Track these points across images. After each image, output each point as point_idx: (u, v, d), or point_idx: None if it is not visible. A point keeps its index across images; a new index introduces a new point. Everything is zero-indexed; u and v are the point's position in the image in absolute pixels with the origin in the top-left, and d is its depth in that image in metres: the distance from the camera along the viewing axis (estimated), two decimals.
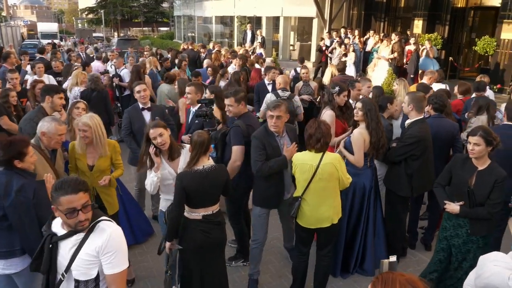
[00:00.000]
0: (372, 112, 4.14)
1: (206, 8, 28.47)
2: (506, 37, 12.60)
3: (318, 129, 3.56)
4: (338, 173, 3.62)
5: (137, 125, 5.13)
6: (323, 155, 3.61)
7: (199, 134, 3.41)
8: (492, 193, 3.46)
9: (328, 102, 4.93)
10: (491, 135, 3.45)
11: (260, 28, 21.38)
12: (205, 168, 3.36)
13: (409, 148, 4.29)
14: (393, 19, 18.31)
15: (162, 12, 51.93)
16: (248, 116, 4.31)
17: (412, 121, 4.38)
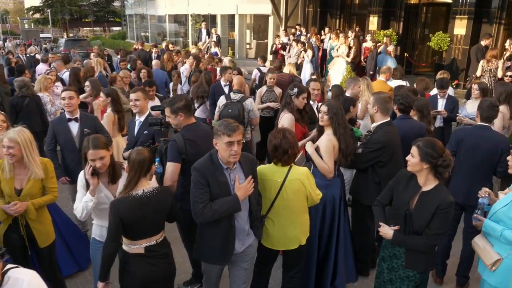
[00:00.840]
0: (339, 116, 3.74)
1: (159, 6, 27.59)
2: (459, 33, 12.71)
3: (284, 139, 3.13)
4: (306, 190, 3.20)
5: (62, 139, 4.59)
6: (290, 169, 3.18)
7: (138, 151, 2.88)
8: (433, 222, 2.83)
9: (286, 104, 4.52)
10: (436, 152, 2.82)
11: (215, 26, 20.84)
12: (146, 192, 2.83)
13: (375, 155, 3.94)
14: (349, 16, 18.25)
15: (113, 11, 50.15)
16: (191, 129, 3.69)
17: (378, 124, 4.03)
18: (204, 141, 3.65)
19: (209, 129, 3.86)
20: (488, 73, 8.44)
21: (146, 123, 4.42)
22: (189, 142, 3.57)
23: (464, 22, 12.52)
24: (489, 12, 12.22)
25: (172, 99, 3.69)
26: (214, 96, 6.68)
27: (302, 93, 4.49)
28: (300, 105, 4.53)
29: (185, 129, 3.65)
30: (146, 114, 4.53)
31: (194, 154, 3.53)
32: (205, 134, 3.73)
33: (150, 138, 4.39)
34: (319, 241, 3.98)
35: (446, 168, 2.86)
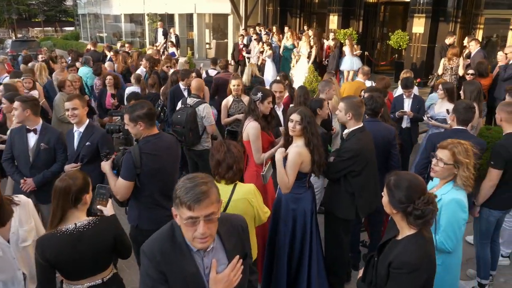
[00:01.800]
0: (312, 126, 3.42)
1: (113, 5, 26.50)
2: (417, 31, 12.80)
3: (228, 153, 2.78)
4: (254, 209, 2.85)
5: (17, 150, 4.16)
6: (235, 187, 2.82)
7: (62, 178, 2.42)
8: (388, 282, 2.24)
9: (250, 111, 4.12)
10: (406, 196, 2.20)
11: (173, 26, 20.19)
12: (79, 226, 2.37)
13: (347, 164, 3.65)
14: (309, 15, 18.16)
15: (65, 10, 47.96)
16: (151, 141, 3.26)
17: (350, 131, 3.73)
18: (167, 154, 3.30)
19: (173, 141, 3.46)
20: (450, 71, 8.44)
21: (87, 133, 4.03)
22: (147, 156, 3.18)
23: (422, 21, 12.62)
24: (446, 10, 12.39)
25: (133, 106, 3.26)
26: (173, 101, 6.21)
27: (267, 98, 4.11)
28: (266, 111, 4.16)
29: (144, 140, 3.24)
30: (86, 123, 4.10)
31: (154, 169, 3.19)
32: (168, 146, 3.35)
33: (94, 150, 3.95)
34: (290, 256, 3.66)
35: (419, 219, 2.16)
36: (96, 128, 4.15)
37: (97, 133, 4.04)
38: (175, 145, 3.44)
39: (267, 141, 4.10)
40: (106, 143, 4.02)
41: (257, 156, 3.97)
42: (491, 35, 12.57)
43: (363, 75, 6.65)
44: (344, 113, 3.74)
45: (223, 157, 2.77)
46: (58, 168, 4.14)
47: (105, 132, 4.04)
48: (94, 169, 3.97)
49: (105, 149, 3.88)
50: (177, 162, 3.47)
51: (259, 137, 3.98)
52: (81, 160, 4.02)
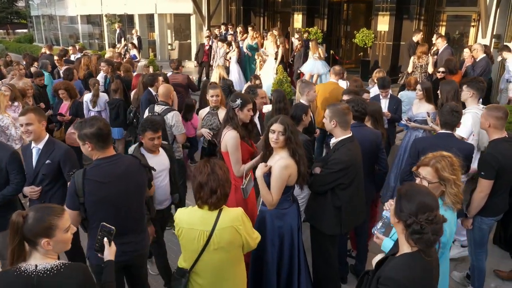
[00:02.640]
0: (295, 134, 3.14)
1: (68, 6, 25.37)
2: (382, 29, 12.84)
3: (211, 175, 2.45)
4: (242, 237, 2.53)
5: (26, 168, 3.76)
6: (220, 213, 2.48)
7: (18, 213, 2.02)
8: None
9: (229, 119, 3.77)
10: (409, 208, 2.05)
11: (133, 27, 19.51)
12: (40, 270, 1.98)
13: (336, 176, 3.40)
14: (273, 14, 17.97)
15: (16, 11, 45.68)
16: (101, 165, 2.81)
17: (339, 140, 3.47)
18: (121, 181, 2.84)
19: (133, 165, 2.97)
20: (419, 69, 8.40)
21: (47, 150, 3.57)
22: (92, 183, 2.75)
23: (386, 19, 12.67)
24: (409, 8, 12.47)
25: (82, 122, 2.85)
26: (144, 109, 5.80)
27: (246, 104, 3.77)
28: (246, 119, 3.81)
29: (93, 164, 2.83)
30: (46, 139, 3.63)
31: (100, 198, 2.75)
32: (124, 172, 2.87)
33: (56, 168, 3.51)
34: (279, 277, 3.37)
35: (416, 234, 1.99)
36: (57, 144, 3.68)
37: (58, 150, 3.59)
38: (136, 171, 2.96)
39: (247, 152, 3.77)
40: (69, 161, 3.58)
41: (236, 168, 3.65)
42: (453, 32, 12.76)
43: (335, 75, 6.43)
44: (329, 121, 3.50)
45: (205, 180, 2.44)
46: (11, 191, 3.65)
47: (67, 148, 3.62)
48: (57, 190, 3.61)
49: (68, 168, 3.50)
50: (138, 191, 2.99)
51: (239, 147, 3.66)
52: (41, 181, 3.57)
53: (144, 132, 3.65)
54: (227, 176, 2.51)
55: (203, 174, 2.46)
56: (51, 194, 3.60)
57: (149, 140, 3.67)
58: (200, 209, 2.51)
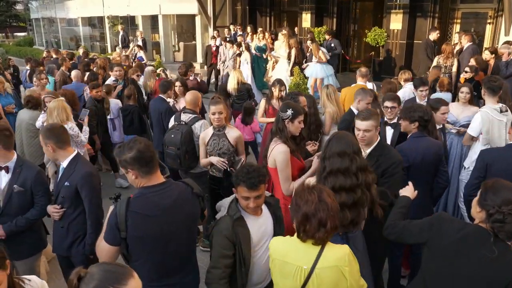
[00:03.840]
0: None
1: (69, 8, 25.01)
2: (395, 27, 12.53)
3: (320, 204, 2.06)
4: (347, 282, 2.11)
5: None
6: (322, 249, 2.11)
7: (77, 271, 1.67)
8: None
9: (278, 132, 3.42)
10: (494, 200, 2.14)
11: (136, 28, 19.17)
12: None
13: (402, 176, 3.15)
14: (279, 14, 17.65)
15: (16, 15, 45.28)
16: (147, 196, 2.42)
17: (375, 146, 3.23)
18: (170, 214, 2.40)
19: (184, 194, 2.52)
20: (443, 69, 8.04)
21: (68, 171, 3.19)
22: (136, 216, 2.33)
23: (399, 17, 12.36)
24: (423, 6, 12.16)
25: (121, 146, 2.44)
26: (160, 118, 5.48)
27: (298, 116, 3.39)
28: (296, 132, 3.43)
29: (137, 194, 2.41)
30: (71, 156, 3.22)
31: (146, 235, 2.35)
32: (173, 203, 2.43)
33: (73, 193, 3.16)
34: None
35: (497, 222, 2.09)
36: (79, 165, 3.22)
37: (77, 173, 3.16)
38: (188, 201, 2.51)
39: (297, 168, 3.42)
40: (87, 186, 3.17)
41: (285, 186, 3.31)
42: (468, 30, 12.43)
43: (362, 77, 6.09)
44: (375, 131, 3.20)
45: (313, 210, 2.05)
46: (36, 215, 3.30)
47: (87, 172, 3.20)
48: (77, 216, 3.23)
49: (85, 194, 3.16)
50: (189, 225, 2.54)
51: (289, 163, 3.31)
52: (61, 203, 3.21)
53: (238, 186, 2.56)
54: (336, 205, 2.13)
55: (309, 203, 2.05)
56: (71, 220, 3.24)
57: (243, 199, 2.56)
58: (302, 243, 2.14)
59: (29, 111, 5.56)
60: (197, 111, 4.67)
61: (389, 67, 12.77)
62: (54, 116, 4.97)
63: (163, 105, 5.73)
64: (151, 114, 6.05)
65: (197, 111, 4.68)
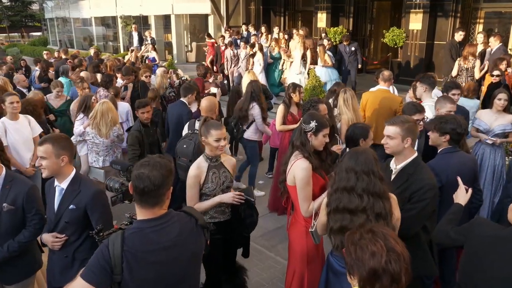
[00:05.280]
0: None
1: (83, 8, 25.00)
2: (414, 28, 12.05)
3: (391, 254, 1.63)
4: None
5: None
6: None
7: None
8: None
9: (300, 146, 3.05)
10: None
11: (148, 28, 18.98)
12: None
13: (432, 207, 2.79)
14: (293, 13, 17.28)
15: (31, 15, 45.66)
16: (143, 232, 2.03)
17: (410, 162, 2.82)
18: (169, 253, 2.03)
19: (186, 228, 2.14)
20: (465, 72, 7.61)
21: (72, 191, 2.80)
22: (134, 257, 1.96)
23: (419, 17, 11.90)
24: (444, 5, 11.68)
25: (140, 162, 2.07)
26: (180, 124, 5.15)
27: (322, 129, 3.03)
28: (319, 146, 3.09)
29: (134, 228, 2.04)
30: (71, 176, 2.83)
31: (140, 279, 1.97)
32: (175, 240, 2.05)
33: (81, 216, 2.79)
34: None
35: None
36: (84, 184, 2.85)
37: (85, 192, 2.79)
38: (191, 236, 2.14)
39: (318, 185, 3.03)
40: (99, 208, 2.81)
41: (305, 206, 2.94)
42: (491, 31, 11.91)
43: (384, 81, 5.69)
44: (401, 140, 2.82)
45: (384, 264, 1.61)
46: (29, 237, 2.97)
47: (97, 191, 2.83)
48: (83, 241, 2.85)
49: (97, 217, 2.78)
50: (192, 263, 2.19)
51: (310, 181, 2.94)
52: (63, 230, 2.82)
53: None
54: (407, 254, 1.68)
55: (377, 256, 1.62)
56: (76, 247, 2.85)
57: None
58: None
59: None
60: (214, 118, 4.30)
61: (407, 69, 12.31)
62: (107, 118, 5.12)
63: (184, 109, 5.44)
64: (169, 118, 5.76)
65: (215, 118, 4.30)
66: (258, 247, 4.87)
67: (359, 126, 3.61)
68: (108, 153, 5.30)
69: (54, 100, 6.76)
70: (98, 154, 5.25)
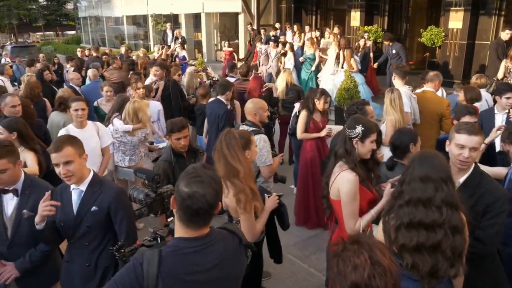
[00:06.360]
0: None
1: (115, 7, 25.35)
2: (454, 26, 11.48)
3: (374, 267, 1.44)
4: None
5: None
6: None
7: None
8: None
9: (345, 154, 2.72)
10: None
11: (178, 27, 18.98)
12: None
13: None
14: (325, 12, 16.89)
15: (65, 14, 46.84)
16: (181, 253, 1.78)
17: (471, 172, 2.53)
18: (210, 275, 1.79)
19: (229, 248, 1.90)
20: None
21: (92, 193, 2.62)
22: (171, 279, 1.73)
23: (460, 15, 11.31)
24: (487, 3, 11.06)
25: (187, 171, 1.81)
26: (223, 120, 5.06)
27: (370, 135, 2.70)
28: (366, 154, 2.74)
29: (173, 246, 1.78)
30: (90, 177, 2.67)
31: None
32: (216, 261, 1.81)
33: (104, 217, 2.60)
34: None
35: None
36: (104, 184, 2.71)
37: (107, 192, 2.63)
38: (235, 257, 1.92)
39: (366, 200, 2.71)
40: (122, 208, 2.63)
41: (350, 224, 2.63)
42: None
43: (430, 82, 5.30)
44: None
45: (366, 278, 1.42)
46: (52, 245, 2.82)
47: (119, 190, 2.67)
48: (105, 246, 2.65)
49: (120, 219, 2.60)
50: (233, 285, 1.96)
51: (357, 195, 2.63)
52: (83, 235, 2.63)
53: None
54: (396, 267, 1.50)
55: (359, 269, 1.45)
56: (99, 253, 2.67)
57: None
58: None
59: (60, 114, 5.20)
60: (257, 122, 3.95)
61: (445, 70, 11.73)
62: (139, 117, 5.02)
63: (221, 108, 5.30)
64: (208, 117, 5.64)
65: (259, 124, 3.97)
66: (291, 257, 4.60)
67: (405, 131, 3.30)
68: (134, 152, 5.16)
69: (106, 104, 6.15)
70: (125, 153, 5.11)
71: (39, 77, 7.97)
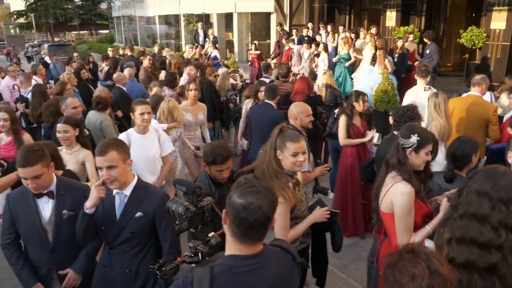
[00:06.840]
0: None
1: (148, 7, 25.74)
2: (496, 27, 11.00)
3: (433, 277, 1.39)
4: None
5: (24, 226, 2.71)
6: None
7: None
8: None
9: (398, 164, 2.55)
10: None
11: (210, 26, 19.03)
12: None
13: None
14: (359, 12, 16.57)
15: (100, 13, 47.97)
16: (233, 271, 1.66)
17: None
18: None
19: (283, 267, 1.78)
20: None
21: (136, 198, 2.55)
22: None
23: (503, 15, 10.82)
24: None
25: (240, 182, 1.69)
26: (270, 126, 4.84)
27: (425, 145, 2.50)
28: (421, 165, 2.55)
29: (224, 265, 1.66)
30: (134, 182, 2.59)
31: None
32: (270, 282, 1.68)
33: (149, 223, 2.54)
34: None
35: None
36: (150, 190, 2.65)
37: (152, 198, 2.57)
38: (288, 276, 1.80)
39: (421, 214, 2.52)
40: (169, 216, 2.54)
41: (404, 239, 2.45)
42: None
43: (475, 86, 5.04)
44: None
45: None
46: (97, 246, 2.78)
47: (165, 195, 2.61)
48: (146, 252, 2.60)
49: (165, 226, 2.53)
50: None
51: (412, 209, 2.45)
52: (126, 241, 2.56)
53: None
54: (455, 276, 1.43)
55: (418, 279, 1.38)
56: (141, 259, 2.59)
57: None
58: None
59: (97, 113, 5.22)
60: (298, 126, 3.79)
61: (486, 72, 11.23)
62: (174, 116, 5.00)
63: (275, 112, 5.08)
64: (255, 120, 5.35)
65: (298, 127, 3.79)
66: (328, 266, 4.44)
67: (466, 140, 3.08)
68: None
69: None
70: None
71: (76, 76, 8.07)
